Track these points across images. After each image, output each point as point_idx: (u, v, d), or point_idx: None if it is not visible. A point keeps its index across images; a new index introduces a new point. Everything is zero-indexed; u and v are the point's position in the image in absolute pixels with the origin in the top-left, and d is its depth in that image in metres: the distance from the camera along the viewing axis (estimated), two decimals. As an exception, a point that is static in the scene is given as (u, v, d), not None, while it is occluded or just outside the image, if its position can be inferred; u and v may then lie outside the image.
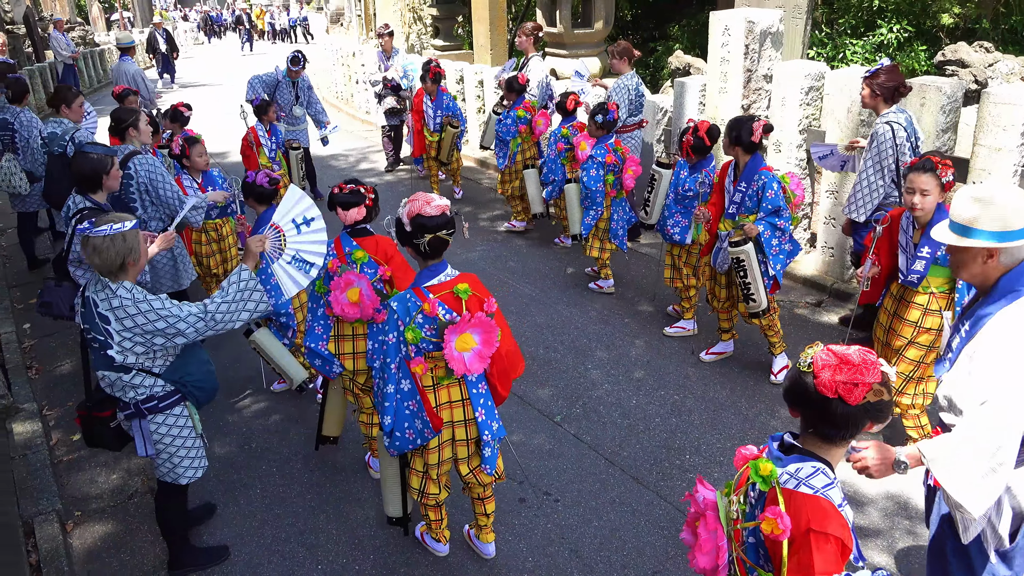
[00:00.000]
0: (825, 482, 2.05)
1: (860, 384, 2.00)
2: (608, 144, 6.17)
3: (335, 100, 16.26)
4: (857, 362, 2.02)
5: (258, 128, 7.78)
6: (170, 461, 3.46)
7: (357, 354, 4.04)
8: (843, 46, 11.07)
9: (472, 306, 3.25)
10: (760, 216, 4.82)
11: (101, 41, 25.85)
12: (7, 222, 9.21)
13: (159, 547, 3.98)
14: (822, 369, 2.05)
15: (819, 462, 2.10)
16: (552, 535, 3.97)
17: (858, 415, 2.05)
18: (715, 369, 5.37)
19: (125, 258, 3.11)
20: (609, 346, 5.75)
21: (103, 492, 4.46)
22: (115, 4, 35.26)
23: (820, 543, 1.99)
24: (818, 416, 2.10)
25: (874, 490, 4.16)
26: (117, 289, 3.10)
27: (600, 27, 11.00)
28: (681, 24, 14.87)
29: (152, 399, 3.30)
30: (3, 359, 5.71)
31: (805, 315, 6.07)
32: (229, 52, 31.53)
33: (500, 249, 7.73)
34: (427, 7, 15.84)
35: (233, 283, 3.31)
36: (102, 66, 22.15)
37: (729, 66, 6.67)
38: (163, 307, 3.13)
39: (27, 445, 4.74)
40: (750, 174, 4.85)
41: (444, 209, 3.21)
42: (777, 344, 5.18)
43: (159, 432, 3.37)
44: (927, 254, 3.94)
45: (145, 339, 3.14)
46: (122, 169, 4.93)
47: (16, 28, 20.03)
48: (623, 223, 6.34)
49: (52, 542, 3.96)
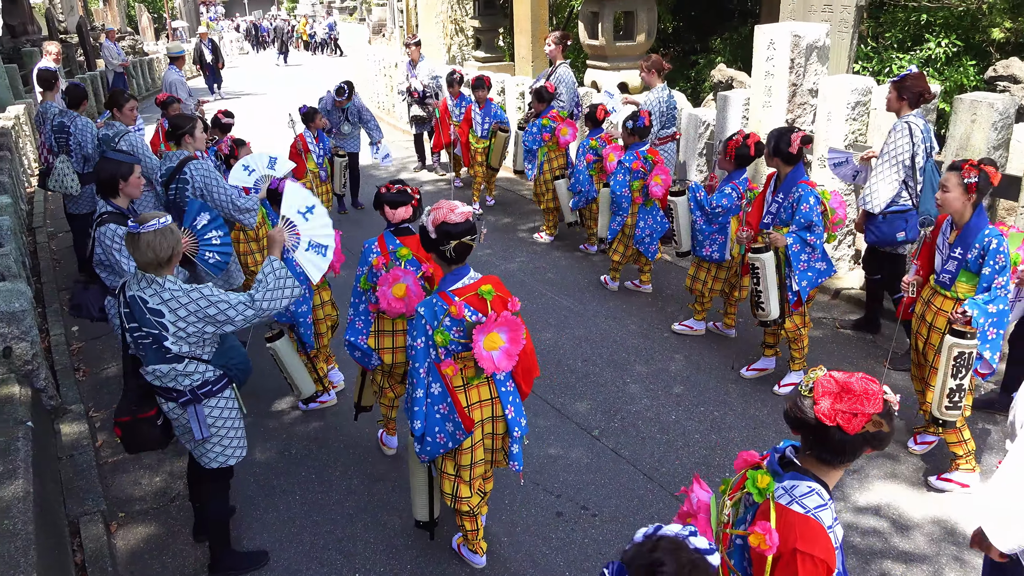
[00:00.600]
0: (818, 503, 2.08)
1: (860, 414, 2.01)
2: (639, 151, 6.24)
3: (377, 110, 16.44)
4: (858, 391, 2.02)
5: (306, 135, 8.06)
6: (220, 444, 3.59)
7: (396, 348, 4.21)
8: (889, 60, 10.89)
9: (496, 306, 3.36)
10: (792, 229, 4.79)
11: (150, 50, 26.43)
12: (59, 225, 9.44)
13: (200, 551, 4.03)
14: (822, 396, 2.05)
15: (815, 482, 2.11)
16: (589, 550, 3.94)
17: (856, 443, 2.06)
18: (755, 386, 5.31)
19: (174, 249, 3.26)
20: (648, 360, 5.71)
21: (146, 494, 4.53)
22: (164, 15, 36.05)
23: (806, 564, 2.01)
24: (816, 441, 2.10)
25: (919, 514, 4.07)
26: (164, 283, 3.23)
27: (642, 40, 10.96)
28: (723, 37, 14.79)
29: (206, 384, 3.45)
30: (52, 361, 5.83)
31: (847, 332, 5.97)
32: (270, 62, 32.07)
33: (539, 261, 7.73)
34: (469, 19, 15.94)
35: (269, 273, 3.45)
36: (151, 74, 22.63)
37: (774, 80, 6.61)
38: (212, 294, 3.28)
39: (74, 446, 4.84)
40: (788, 186, 4.84)
41: (467, 216, 3.35)
42: (797, 360, 5.18)
43: (213, 415, 3.52)
44: (959, 255, 4.00)
45: (198, 328, 3.27)
46: (178, 174, 5.09)
47: (69, 37, 20.59)
48: (651, 231, 6.36)
49: (97, 542, 4.03)
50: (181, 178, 5.09)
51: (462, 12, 16.12)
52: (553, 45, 8.39)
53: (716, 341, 5.89)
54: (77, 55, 19.45)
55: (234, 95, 20.68)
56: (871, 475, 4.38)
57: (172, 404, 3.46)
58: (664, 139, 7.32)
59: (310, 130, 8.14)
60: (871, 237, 5.37)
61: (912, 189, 5.18)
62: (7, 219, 6.43)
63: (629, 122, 6.26)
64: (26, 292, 4.97)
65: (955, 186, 3.92)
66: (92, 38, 21.12)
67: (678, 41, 16.51)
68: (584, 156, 7.07)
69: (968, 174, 3.88)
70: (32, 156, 12.26)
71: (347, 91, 8.87)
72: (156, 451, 4.80)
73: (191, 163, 5.13)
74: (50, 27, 20.82)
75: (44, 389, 5.06)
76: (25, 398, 4.53)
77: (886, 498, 4.21)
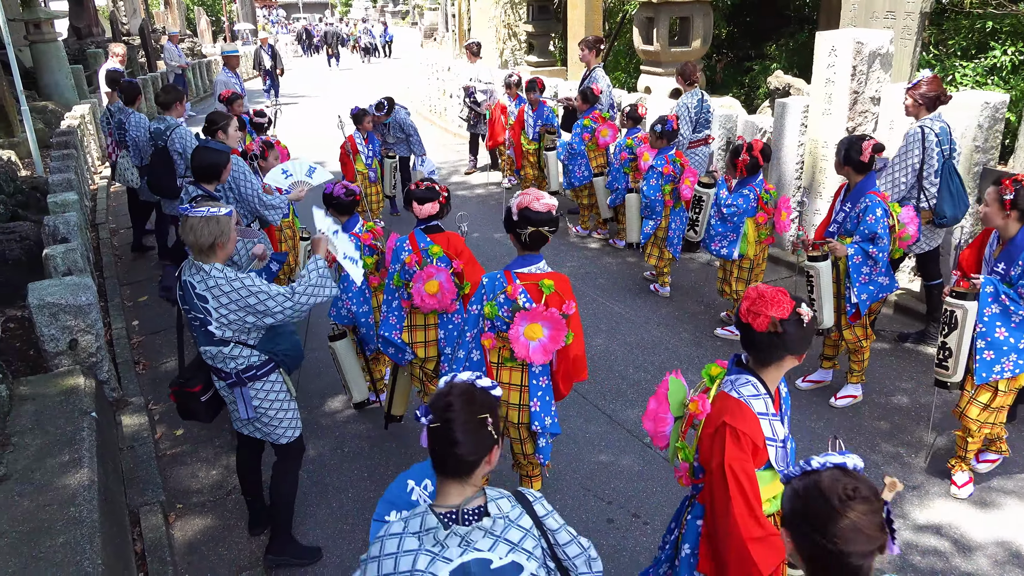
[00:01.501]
0: (752, 392, 2.52)
1: (763, 315, 2.42)
2: (668, 155, 6.44)
3: (428, 114, 16.57)
4: (768, 298, 2.44)
5: (356, 136, 8.24)
6: (272, 423, 3.73)
7: (428, 342, 4.32)
8: (952, 68, 10.63)
9: (552, 302, 3.46)
10: (855, 239, 4.71)
11: (208, 53, 27.02)
12: (120, 222, 9.70)
13: (255, 544, 4.10)
14: (744, 299, 2.51)
15: (753, 377, 2.55)
16: (640, 558, 3.91)
17: (764, 340, 2.47)
18: (810, 398, 5.22)
19: (216, 239, 3.35)
20: (700, 368, 5.64)
21: (203, 487, 4.62)
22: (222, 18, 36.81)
23: (731, 435, 2.45)
24: (743, 339, 2.55)
25: (982, 536, 3.96)
26: (210, 270, 3.35)
27: (697, 46, 10.89)
28: (779, 43, 14.60)
29: (250, 368, 3.58)
30: (114, 354, 5.98)
31: (909, 347, 5.83)
32: (321, 67, 32.37)
33: (590, 266, 7.71)
34: (522, 24, 16.00)
35: (313, 270, 3.54)
36: (208, 76, 23.12)
37: (834, 87, 6.50)
38: (253, 284, 3.39)
39: (134, 437, 4.95)
40: (857, 196, 4.77)
41: (551, 208, 3.44)
42: (856, 373, 5.12)
43: (259, 397, 3.64)
44: (1001, 270, 3.96)
45: (239, 316, 3.39)
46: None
47: (132, 39, 21.15)
48: (680, 232, 6.54)
49: (156, 532, 4.12)
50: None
51: (515, 17, 16.19)
52: (586, 50, 8.55)
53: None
54: (139, 56, 19.97)
55: (289, 97, 21.01)
56: (931, 492, 4.28)
57: (222, 383, 3.64)
58: (696, 143, 7.51)
59: (359, 131, 8.31)
60: None
61: (928, 191, 5.20)
62: (74, 215, 6.62)
63: (657, 126, 6.48)
64: (92, 286, 5.10)
65: (993, 201, 3.90)
66: (153, 40, 21.66)
67: (732, 47, 16.34)
68: (620, 154, 7.28)
69: (1006, 190, 3.83)
70: (96, 154, 12.61)
71: (386, 106, 8.90)
72: (213, 445, 4.96)
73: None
74: (114, 29, 21.44)
75: (107, 381, 5.20)
76: (89, 389, 4.65)
77: (947, 517, 4.10)
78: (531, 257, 3.54)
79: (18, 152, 10.71)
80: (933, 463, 4.52)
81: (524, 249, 3.53)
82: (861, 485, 1.63)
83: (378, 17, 47.44)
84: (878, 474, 4.42)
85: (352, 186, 4.77)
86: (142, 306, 7.25)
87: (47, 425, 4.20)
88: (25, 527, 3.40)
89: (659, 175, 6.43)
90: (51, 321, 4.87)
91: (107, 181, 11.35)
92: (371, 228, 4.80)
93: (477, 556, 1.86)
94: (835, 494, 1.61)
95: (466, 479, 1.93)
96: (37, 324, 4.87)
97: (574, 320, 3.56)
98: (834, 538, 1.58)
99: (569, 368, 3.63)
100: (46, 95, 14.04)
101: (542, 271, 3.53)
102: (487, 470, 1.97)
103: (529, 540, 1.96)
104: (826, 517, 1.60)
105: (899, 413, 5.02)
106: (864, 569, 1.61)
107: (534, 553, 1.96)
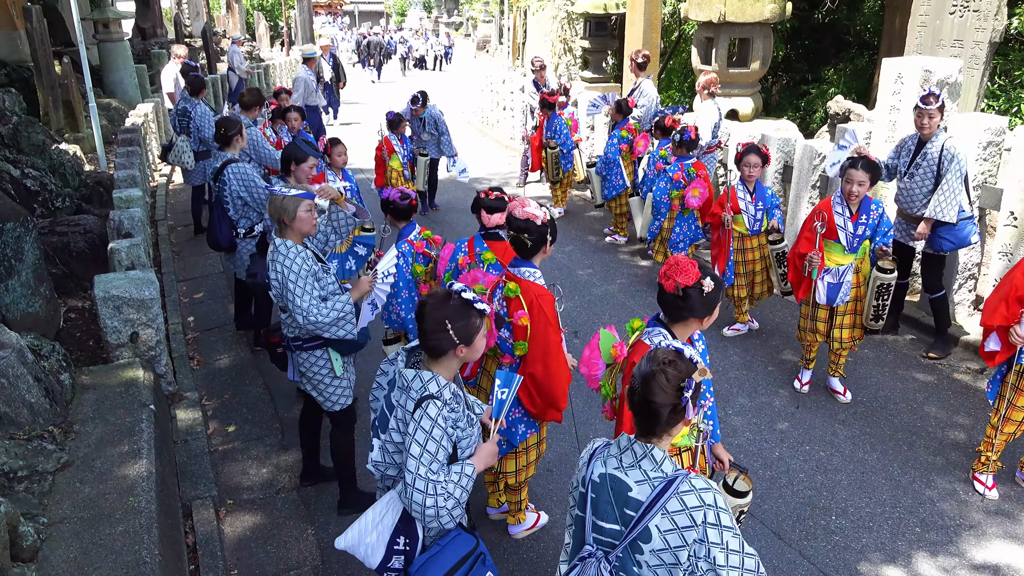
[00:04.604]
0: (660, 340, 2.76)
1: (671, 279, 2.80)
2: (684, 163, 6.92)
3: (480, 125, 16.67)
4: (681, 264, 2.79)
5: (392, 138, 8.83)
6: (317, 389, 4.07)
7: None
8: (1018, 100, 10.43)
9: (512, 304, 3.57)
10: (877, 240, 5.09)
11: (265, 57, 27.52)
12: (179, 219, 9.92)
13: (303, 543, 4.15)
14: (665, 264, 2.87)
15: (666, 330, 2.91)
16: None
17: (671, 302, 2.86)
18: (864, 429, 5.12)
19: (281, 216, 3.79)
20: (751, 394, 5.59)
21: (254, 484, 4.69)
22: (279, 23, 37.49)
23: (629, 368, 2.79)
24: (657, 296, 2.94)
25: (1043, 579, 3.85)
26: (279, 244, 3.79)
27: (756, 67, 10.82)
28: (837, 68, 14.43)
29: (298, 339, 3.95)
30: (170, 349, 6.10)
31: (966, 380, 5.70)
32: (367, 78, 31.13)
33: (639, 283, 7.67)
34: (579, 39, 16.04)
35: (335, 309, 3.78)
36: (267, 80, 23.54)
37: (899, 115, 6.40)
38: (297, 277, 3.70)
39: (188, 432, 5.04)
40: (866, 206, 5.06)
41: (530, 216, 3.53)
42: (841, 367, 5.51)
43: (304, 365, 4.01)
44: None
45: (278, 291, 3.79)
46: (220, 175, 5.73)
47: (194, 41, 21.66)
48: (685, 237, 6.97)
49: (207, 526, 4.18)
50: (221, 179, 5.71)
51: (572, 33, 16.25)
52: (631, 63, 9.27)
53: (822, 379, 5.71)
54: (200, 59, 20.42)
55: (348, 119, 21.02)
56: (989, 533, 4.17)
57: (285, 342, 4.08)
58: (708, 149, 7.85)
59: (395, 134, 8.86)
60: (947, 244, 5.65)
61: (969, 196, 5.60)
62: (138, 211, 6.79)
63: (677, 135, 6.94)
64: (155, 281, 5.22)
65: None
66: (214, 43, 22.15)
67: (789, 70, 16.18)
68: (655, 164, 7.55)
69: None
70: (156, 152, 12.91)
71: (421, 99, 9.46)
72: (264, 443, 5.04)
73: (230, 166, 5.70)
74: (177, 31, 21.97)
75: (164, 375, 5.31)
76: (148, 382, 4.75)
77: (1005, 559, 3.99)
78: (521, 261, 3.62)
79: (83, 147, 11.02)
80: (991, 502, 4.41)
81: (516, 252, 3.64)
82: (679, 360, 2.19)
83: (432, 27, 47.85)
84: (933, 511, 4.33)
85: (407, 190, 4.82)
86: (198, 303, 7.39)
87: (107, 415, 4.30)
88: (86, 513, 3.49)
89: (669, 179, 6.96)
90: (115, 313, 4.99)
91: (166, 179, 11.62)
92: (428, 236, 4.84)
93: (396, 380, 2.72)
94: (657, 360, 2.18)
95: (432, 359, 2.64)
96: (101, 316, 5.00)
97: (537, 339, 3.52)
98: (645, 387, 2.16)
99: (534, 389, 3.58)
100: (110, 93, 14.43)
101: (525, 278, 3.57)
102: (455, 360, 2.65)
103: (401, 411, 2.63)
104: (647, 372, 2.17)
105: (955, 449, 4.90)
106: (662, 417, 2.15)
107: (399, 419, 2.64)
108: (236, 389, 5.76)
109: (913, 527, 4.23)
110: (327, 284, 3.90)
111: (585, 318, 6.86)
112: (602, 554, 2.24)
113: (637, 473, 2.19)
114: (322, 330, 3.78)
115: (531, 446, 3.86)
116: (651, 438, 2.21)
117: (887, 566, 3.96)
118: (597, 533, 2.26)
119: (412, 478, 2.49)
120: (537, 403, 3.63)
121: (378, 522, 2.65)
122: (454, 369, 2.69)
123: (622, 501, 2.19)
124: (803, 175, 7.52)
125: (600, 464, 2.28)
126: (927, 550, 4.06)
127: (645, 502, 2.14)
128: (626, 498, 2.18)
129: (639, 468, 2.19)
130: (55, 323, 5.73)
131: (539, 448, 3.94)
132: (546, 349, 3.55)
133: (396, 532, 2.63)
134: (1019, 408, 4.16)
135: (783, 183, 7.98)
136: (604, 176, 8.52)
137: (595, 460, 2.30)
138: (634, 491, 2.17)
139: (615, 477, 2.22)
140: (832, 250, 5.14)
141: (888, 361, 6.02)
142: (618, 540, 2.20)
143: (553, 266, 8.03)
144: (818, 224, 5.09)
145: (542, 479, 4.64)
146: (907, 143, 5.77)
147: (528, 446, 3.86)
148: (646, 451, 2.19)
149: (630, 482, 2.19)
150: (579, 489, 2.34)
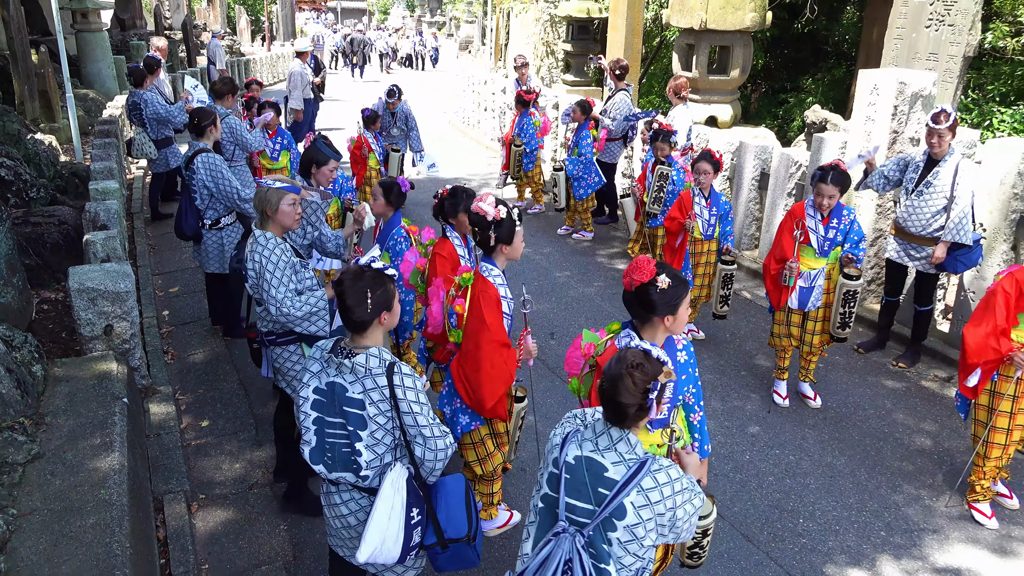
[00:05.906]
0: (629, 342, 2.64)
1: (628, 278, 2.91)
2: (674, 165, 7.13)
3: (461, 125, 16.68)
4: (639, 263, 2.89)
5: (367, 136, 8.90)
6: (291, 386, 4.10)
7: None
8: (990, 113, 10.62)
9: (461, 293, 3.69)
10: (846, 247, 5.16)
11: (247, 51, 27.35)
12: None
13: (275, 538, 4.15)
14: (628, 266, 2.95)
15: (634, 331, 2.96)
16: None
17: (632, 301, 2.93)
18: (833, 434, 5.21)
19: (264, 208, 3.84)
20: (724, 398, 5.65)
21: (226, 479, 4.67)
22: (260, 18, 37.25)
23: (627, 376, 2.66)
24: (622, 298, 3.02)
25: (1003, 583, 3.94)
26: (259, 236, 3.83)
27: (736, 75, 10.93)
28: (815, 77, 14.62)
29: (272, 334, 3.98)
30: (144, 342, 6.06)
31: (934, 388, 5.81)
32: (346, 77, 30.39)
33: (617, 287, 7.72)
34: (561, 43, 16.10)
35: (309, 304, 3.82)
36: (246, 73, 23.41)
37: (874, 126, 6.51)
38: (275, 268, 3.74)
39: (161, 426, 5.01)
40: (838, 212, 5.16)
41: (479, 211, 3.56)
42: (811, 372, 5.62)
43: (278, 361, 4.05)
44: None
45: (255, 281, 3.81)
46: (189, 165, 5.78)
47: (174, 34, 21.47)
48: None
49: (179, 520, 4.17)
50: (191, 167, 5.78)
51: (554, 35, 16.30)
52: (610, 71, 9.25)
53: (793, 384, 5.79)
54: (180, 51, 20.27)
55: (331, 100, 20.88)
56: (952, 537, 4.26)
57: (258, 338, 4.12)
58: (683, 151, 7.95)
59: (370, 132, 8.93)
60: (959, 267, 5.62)
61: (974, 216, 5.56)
62: (114, 203, 6.74)
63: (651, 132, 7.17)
64: (131, 274, 5.19)
65: None
66: (195, 36, 21.98)
67: (768, 78, 16.37)
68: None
69: None
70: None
71: (397, 93, 9.55)
72: (238, 439, 5.03)
73: (200, 156, 5.77)
74: (157, 23, 21.78)
75: (138, 368, 5.27)
76: (122, 375, 4.72)
77: (967, 562, 4.08)
78: (485, 257, 3.66)
79: (59, 138, 10.91)
80: (954, 508, 4.50)
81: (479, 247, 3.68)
82: (646, 363, 2.28)
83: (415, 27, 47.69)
84: (898, 515, 4.42)
85: (404, 180, 4.87)
86: (173, 296, 7.35)
87: (80, 407, 4.27)
88: (57, 506, 3.47)
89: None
90: (89, 305, 4.95)
91: (143, 172, 11.53)
92: (407, 224, 4.85)
93: (339, 382, 2.75)
94: (626, 362, 2.27)
95: (359, 334, 2.76)
96: (75, 308, 4.96)
97: (468, 334, 3.59)
98: (612, 388, 2.26)
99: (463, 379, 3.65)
100: (88, 83, 14.29)
101: (482, 273, 3.59)
102: (380, 329, 2.79)
103: (376, 393, 2.70)
104: (615, 374, 2.27)
105: (921, 456, 5.00)
106: (629, 414, 2.27)
107: (377, 402, 2.70)
108: (211, 384, 5.74)
109: (879, 531, 4.31)
110: (304, 278, 3.92)
111: (562, 320, 6.90)
112: (575, 530, 2.34)
113: (613, 455, 2.32)
114: (294, 324, 3.80)
115: (485, 436, 3.86)
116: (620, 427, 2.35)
117: (852, 568, 4.03)
118: (570, 512, 2.37)
119: (430, 431, 2.74)
120: (472, 399, 3.67)
121: (389, 510, 2.73)
122: (380, 340, 2.82)
123: (597, 481, 2.32)
124: (779, 183, 7.62)
125: (575, 447, 2.39)
126: (891, 553, 4.14)
127: (620, 481, 2.28)
128: (602, 478, 2.31)
129: (615, 450, 2.32)
130: (27, 314, 5.67)
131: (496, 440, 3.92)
132: (477, 345, 3.54)
133: (408, 508, 2.76)
134: (999, 429, 4.20)
135: (760, 190, 8.08)
136: (580, 176, 8.59)
137: (568, 443, 2.42)
138: (610, 471, 2.31)
139: (591, 459, 2.34)
140: (804, 254, 5.24)
141: (858, 368, 6.12)
142: (590, 519, 2.32)
143: (531, 267, 8.07)
144: (798, 232, 5.18)
145: (515, 478, 4.67)
146: (914, 160, 5.71)
147: (482, 436, 3.85)
148: (622, 435, 2.33)
149: (606, 463, 2.32)
150: (551, 470, 2.44)
